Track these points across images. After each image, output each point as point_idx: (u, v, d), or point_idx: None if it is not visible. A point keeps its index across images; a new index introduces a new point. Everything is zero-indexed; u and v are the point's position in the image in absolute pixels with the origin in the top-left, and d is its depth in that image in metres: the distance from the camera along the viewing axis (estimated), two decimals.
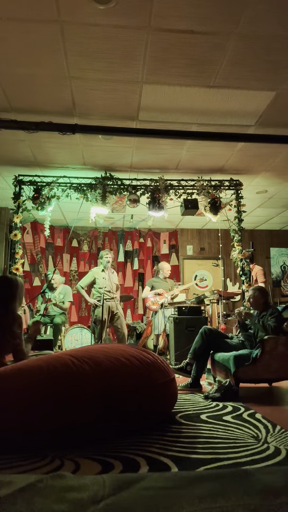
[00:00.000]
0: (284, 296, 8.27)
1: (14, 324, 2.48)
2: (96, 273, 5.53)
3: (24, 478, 1.24)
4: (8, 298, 2.52)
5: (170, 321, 5.32)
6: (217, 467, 1.71)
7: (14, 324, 2.47)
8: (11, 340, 2.43)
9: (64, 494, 1.13)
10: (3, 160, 4.91)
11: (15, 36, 2.84)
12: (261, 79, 3.33)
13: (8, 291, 2.53)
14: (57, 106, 3.77)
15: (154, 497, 1.11)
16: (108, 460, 1.80)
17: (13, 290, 2.55)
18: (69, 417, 2.01)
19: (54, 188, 5.03)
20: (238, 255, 5.22)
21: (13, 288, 2.55)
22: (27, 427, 1.96)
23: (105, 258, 5.47)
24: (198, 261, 8.33)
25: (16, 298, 2.55)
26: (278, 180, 5.56)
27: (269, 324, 3.40)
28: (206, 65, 3.16)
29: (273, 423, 2.41)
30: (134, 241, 8.04)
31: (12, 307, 2.52)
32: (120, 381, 2.20)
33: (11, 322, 2.47)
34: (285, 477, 1.30)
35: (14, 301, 2.54)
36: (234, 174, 5.35)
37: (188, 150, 4.64)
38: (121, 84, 3.43)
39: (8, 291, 2.53)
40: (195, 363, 3.61)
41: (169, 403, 2.54)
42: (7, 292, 2.53)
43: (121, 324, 5.46)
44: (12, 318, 2.49)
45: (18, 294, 2.58)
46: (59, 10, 2.60)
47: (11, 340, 2.43)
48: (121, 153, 4.77)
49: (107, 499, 1.09)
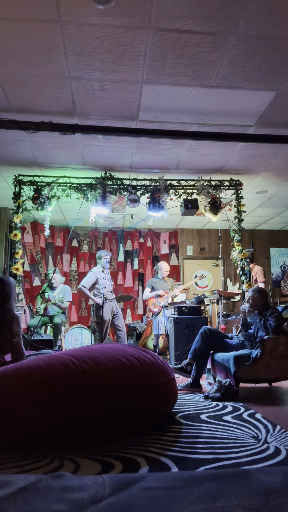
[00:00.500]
0: (284, 296, 8.27)
1: (13, 322, 2.50)
2: (97, 273, 5.54)
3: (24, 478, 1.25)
4: (3, 298, 2.54)
5: (170, 321, 5.32)
6: (217, 467, 1.70)
7: (13, 323, 2.50)
8: (10, 339, 2.45)
9: (64, 494, 1.13)
10: (3, 160, 4.91)
11: (15, 36, 2.84)
12: (261, 79, 3.33)
13: (3, 291, 2.56)
14: (57, 106, 3.77)
15: (154, 497, 1.11)
16: (108, 460, 1.80)
17: (7, 289, 2.58)
18: (69, 417, 2.01)
19: (54, 188, 5.03)
20: (238, 255, 5.22)
21: (7, 287, 2.59)
22: (26, 427, 1.96)
23: (104, 258, 5.48)
24: (198, 261, 8.33)
25: (11, 296, 2.59)
26: (278, 180, 5.56)
27: (270, 324, 3.40)
28: (206, 65, 3.16)
29: (273, 423, 2.41)
30: (134, 241, 8.04)
31: (9, 306, 2.55)
32: (120, 381, 2.20)
33: (10, 321, 2.50)
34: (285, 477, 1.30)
35: (10, 299, 2.57)
36: (234, 174, 5.35)
37: (188, 150, 4.64)
38: (121, 84, 3.43)
39: (3, 291, 2.56)
40: (195, 363, 3.61)
41: (169, 403, 2.54)
42: (2, 291, 2.56)
43: (121, 324, 5.51)
44: (10, 317, 2.51)
45: (12, 292, 2.62)
46: (59, 10, 2.60)
47: (10, 338, 2.46)
48: (121, 153, 4.77)
49: (107, 499, 1.09)
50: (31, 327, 5.37)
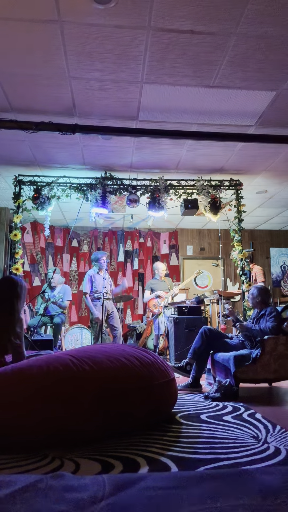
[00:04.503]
0: (284, 296, 8.27)
1: (17, 324, 2.49)
2: (93, 275, 5.56)
3: (24, 478, 1.25)
4: (14, 298, 2.53)
5: (170, 321, 5.32)
6: (217, 467, 1.70)
7: (17, 324, 2.49)
8: (12, 340, 2.44)
9: (64, 494, 1.13)
10: (3, 160, 4.91)
11: (15, 36, 2.84)
12: (261, 79, 3.33)
13: (14, 291, 2.55)
14: (57, 106, 3.77)
15: (154, 497, 1.11)
16: (108, 460, 1.80)
17: (18, 290, 2.57)
18: (69, 417, 2.01)
19: (54, 188, 5.03)
20: (238, 255, 5.22)
21: (18, 288, 2.57)
22: (27, 427, 1.96)
23: (102, 260, 5.51)
24: (198, 261, 8.33)
25: (20, 298, 2.57)
26: (278, 180, 5.56)
27: (267, 326, 3.40)
28: (206, 65, 3.16)
29: (273, 423, 2.41)
30: (134, 241, 8.04)
31: (17, 307, 2.53)
32: (120, 381, 2.20)
33: (15, 322, 2.49)
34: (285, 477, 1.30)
35: (19, 301, 2.56)
36: (234, 174, 5.35)
37: (188, 150, 4.64)
38: (121, 84, 3.43)
39: (14, 291, 2.55)
40: (195, 363, 3.61)
41: (169, 403, 2.54)
42: (13, 291, 2.54)
43: (117, 323, 5.53)
44: (17, 317, 2.50)
45: (23, 294, 2.61)
46: (58, 10, 2.60)
47: (12, 340, 2.44)
48: (121, 153, 4.77)
49: (107, 499, 1.09)
50: (31, 327, 5.37)
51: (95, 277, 5.53)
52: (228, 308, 3.88)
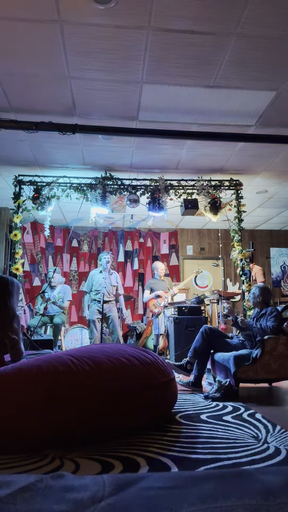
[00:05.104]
0: (284, 296, 8.27)
1: (14, 320, 2.52)
2: (93, 275, 5.56)
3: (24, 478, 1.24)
4: (6, 295, 2.57)
5: (170, 321, 5.31)
6: (217, 467, 1.71)
7: (14, 320, 2.52)
8: (10, 335, 2.47)
9: (64, 494, 1.13)
10: (3, 160, 4.90)
11: (15, 36, 2.84)
12: (261, 79, 3.33)
13: (6, 289, 2.59)
14: (57, 106, 3.77)
15: (154, 497, 1.11)
16: (108, 460, 1.80)
17: (9, 287, 2.62)
18: (69, 417, 2.01)
19: (54, 188, 5.03)
20: (238, 255, 5.22)
21: (9, 285, 2.63)
22: (27, 426, 1.96)
23: (104, 259, 5.48)
24: (198, 261, 8.33)
25: (13, 294, 2.62)
26: (278, 180, 5.56)
27: (268, 325, 3.40)
28: (206, 65, 3.16)
29: (273, 423, 2.41)
30: (134, 241, 8.04)
31: (11, 304, 2.58)
32: (120, 381, 2.20)
33: (11, 318, 2.52)
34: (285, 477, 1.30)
35: (12, 297, 2.61)
36: (234, 174, 5.35)
37: (188, 150, 4.64)
38: (121, 84, 3.43)
39: (5, 289, 2.59)
40: (196, 363, 3.62)
41: (169, 403, 2.54)
42: (4, 289, 2.58)
43: (114, 328, 5.45)
44: (12, 315, 2.54)
45: (15, 291, 2.66)
46: (59, 10, 2.60)
47: (10, 336, 2.47)
48: (121, 153, 4.77)
49: (107, 499, 1.09)
50: (31, 327, 5.37)
51: (95, 276, 5.52)
52: (227, 307, 3.88)
